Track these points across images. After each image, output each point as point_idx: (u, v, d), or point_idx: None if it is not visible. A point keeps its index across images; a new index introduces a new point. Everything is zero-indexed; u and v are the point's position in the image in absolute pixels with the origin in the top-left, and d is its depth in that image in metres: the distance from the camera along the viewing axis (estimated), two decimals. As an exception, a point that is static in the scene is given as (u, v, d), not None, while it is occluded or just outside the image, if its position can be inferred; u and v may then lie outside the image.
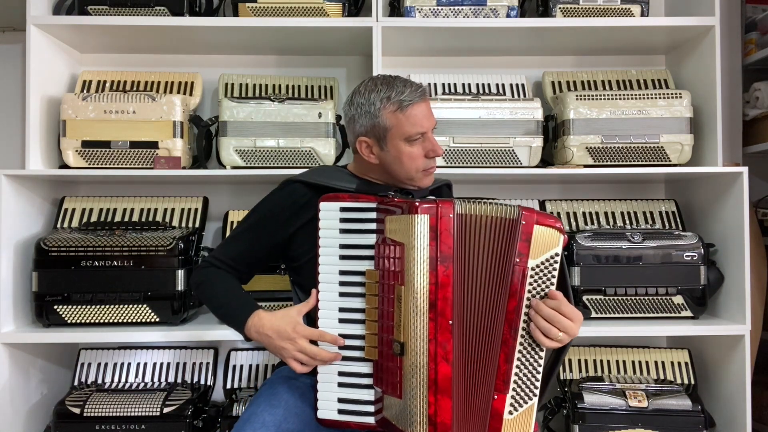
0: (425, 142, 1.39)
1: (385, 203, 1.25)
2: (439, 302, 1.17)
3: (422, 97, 1.39)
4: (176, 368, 2.10)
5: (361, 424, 1.25)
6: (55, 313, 1.89)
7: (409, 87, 1.39)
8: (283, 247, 1.46)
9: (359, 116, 1.40)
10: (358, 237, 1.27)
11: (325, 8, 2.04)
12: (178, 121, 2.00)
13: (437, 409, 1.16)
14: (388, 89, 1.38)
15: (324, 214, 1.29)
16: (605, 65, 2.34)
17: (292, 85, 2.24)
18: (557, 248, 1.19)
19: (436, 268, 1.17)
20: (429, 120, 1.40)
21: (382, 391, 1.23)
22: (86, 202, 2.15)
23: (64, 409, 1.84)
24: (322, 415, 1.27)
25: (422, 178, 1.43)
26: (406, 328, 1.17)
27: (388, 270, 1.21)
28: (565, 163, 2.05)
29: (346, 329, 1.27)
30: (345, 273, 1.27)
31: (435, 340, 1.16)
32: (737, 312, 1.96)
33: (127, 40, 2.15)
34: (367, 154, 1.42)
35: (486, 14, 2.04)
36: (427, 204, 1.18)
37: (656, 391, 1.92)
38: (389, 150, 1.39)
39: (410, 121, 1.36)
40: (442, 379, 1.16)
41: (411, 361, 1.17)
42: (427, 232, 1.17)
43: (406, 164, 1.39)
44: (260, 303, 1.94)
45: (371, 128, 1.39)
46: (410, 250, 1.17)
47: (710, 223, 2.11)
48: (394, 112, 1.36)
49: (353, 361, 1.26)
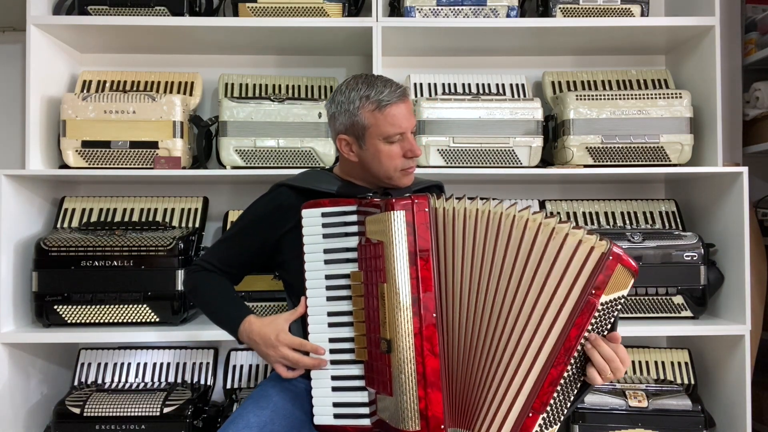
0: (404, 142, 1.40)
1: (364, 205, 1.27)
2: (422, 296, 1.17)
3: (401, 97, 1.39)
4: (176, 368, 2.09)
5: (358, 426, 1.26)
6: (55, 313, 1.89)
7: (389, 87, 1.38)
8: (272, 250, 1.47)
9: (339, 114, 1.41)
10: (341, 240, 1.29)
11: (325, 8, 2.04)
12: (178, 121, 2.00)
13: (428, 403, 1.16)
14: (367, 88, 1.38)
15: (306, 220, 1.31)
16: (605, 65, 2.34)
17: (292, 85, 2.24)
18: (626, 290, 1.15)
19: (416, 262, 1.18)
20: (408, 120, 1.40)
21: (375, 391, 1.23)
22: (86, 202, 2.15)
23: (64, 409, 1.84)
24: (319, 421, 1.28)
25: (401, 178, 1.43)
26: (392, 324, 1.18)
27: (372, 269, 1.22)
28: (565, 163, 2.05)
29: (336, 333, 1.28)
30: (331, 277, 1.29)
31: (420, 335, 1.17)
32: (737, 312, 1.96)
33: (127, 40, 2.15)
34: (347, 152, 1.43)
35: (486, 14, 2.04)
36: (403, 200, 1.20)
37: (656, 391, 1.92)
38: (368, 148, 1.40)
39: (388, 121, 1.37)
40: (431, 373, 1.16)
41: (398, 358, 1.18)
42: (405, 227, 1.19)
43: (385, 163, 1.40)
44: (259, 303, 1.99)
45: (350, 126, 1.40)
46: (389, 247, 1.18)
47: (710, 223, 2.11)
48: (372, 112, 1.37)
49: (345, 364, 1.27)
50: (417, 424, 1.17)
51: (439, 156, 1.99)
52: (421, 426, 1.17)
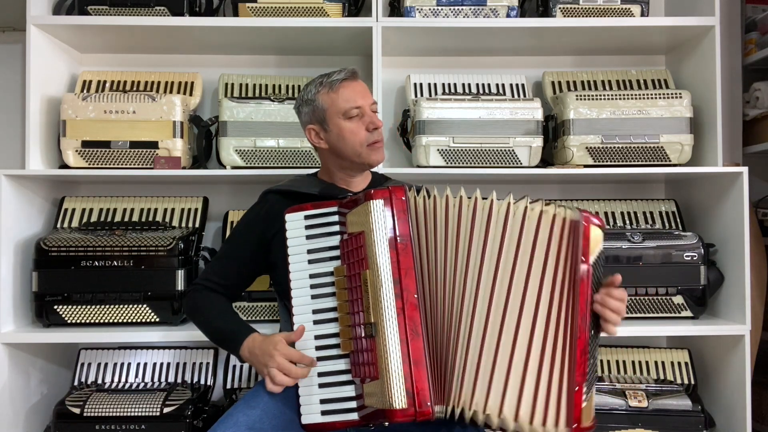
0: (363, 116, 1.50)
1: (344, 204, 1.34)
2: (403, 278, 1.24)
3: (350, 75, 1.51)
4: (176, 368, 2.09)
5: (346, 422, 1.27)
6: (55, 313, 1.89)
7: (340, 71, 1.51)
8: (264, 254, 1.52)
9: (302, 106, 1.55)
10: (323, 240, 1.34)
11: (325, 8, 2.04)
12: (178, 121, 2.00)
13: (414, 381, 1.20)
14: (321, 77, 1.52)
15: (290, 224, 1.36)
16: (605, 65, 2.34)
17: (292, 85, 2.24)
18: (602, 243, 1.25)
19: (396, 246, 1.25)
20: (363, 97, 1.51)
21: (360, 379, 1.26)
22: (86, 202, 2.15)
23: (64, 409, 1.84)
24: (306, 420, 1.28)
25: (370, 154, 1.50)
26: (376, 307, 1.23)
27: (354, 260, 1.28)
28: (565, 163, 2.05)
29: (321, 330, 1.31)
30: (315, 276, 1.33)
31: (403, 314, 1.23)
32: (737, 312, 1.96)
33: (127, 40, 2.15)
34: (317, 141, 1.53)
35: (486, 14, 2.04)
36: (381, 191, 1.28)
37: (656, 391, 1.92)
38: (332, 129, 1.50)
39: (342, 98, 1.48)
40: (415, 352, 1.21)
41: (383, 339, 1.22)
42: (383, 215, 1.26)
43: (349, 139, 1.48)
44: (259, 303, 1.99)
45: (313, 113, 1.52)
46: (370, 235, 1.26)
47: (710, 223, 2.11)
48: (327, 93, 1.50)
49: (331, 359, 1.30)
50: (404, 401, 1.19)
51: (439, 156, 1.99)
52: (408, 403, 1.20)
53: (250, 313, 2.00)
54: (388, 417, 1.20)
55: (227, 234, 2.08)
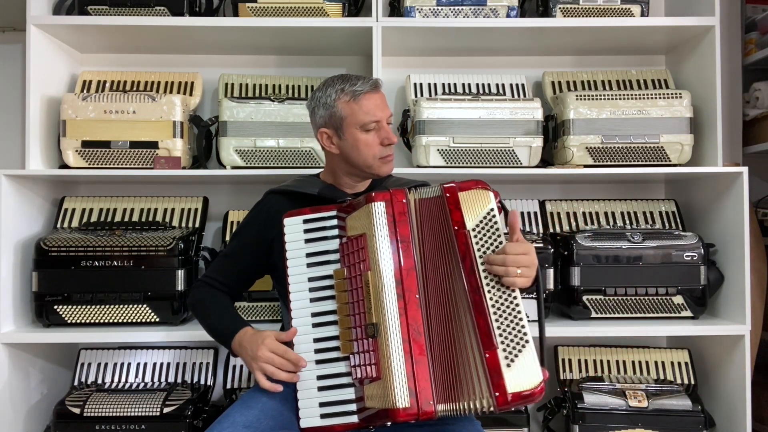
0: (380, 130, 1.48)
1: (343, 209, 1.35)
2: (405, 279, 1.26)
3: (374, 87, 1.49)
4: (176, 368, 2.09)
5: (346, 424, 1.27)
6: (55, 313, 1.89)
7: (362, 79, 1.49)
8: (265, 255, 1.52)
9: (318, 108, 1.51)
10: (322, 244, 1.36)
11: (325, 8, 2.04)
12: (178, 121, 2.00)
13: (416, 380, 1.21)
14: (342, 82, 1.48)
15: (288, 228, 1.38)
16: (605, 65, 2.34)
17: (292, 85, 2.24)
18: (491, 204, 1.28)
19: (398, 248, 1.27)
20: (382, 110, 1.49)
21: (360, 381, 1.26)
22: (86, 202, 2.15)
23: (64, 409, 1.84)
24: (305, 423, 1.28)
25: (380, 166, 1.50)
26: (378, 308, 1.25)
27: (355, 262, 1.30)
28: (565, 163, 2.05)
29: (321, 333, 1.32)
30: (313, 279, 1.35)
31: (405, 314, 1.24)
32: (737, 312, 1.96)
33: (127, 40, 2.15)
34: (328, 145, 1.51)
35: (486, 14, 2.04)
36: (382, 193, 1.30)
37: (656, 391, 1.92)
38: (347, 138, 1.48)
39: (363, 110, 1.46)
40: (417, 351, 1.22)
41: (385, 339, 1.23)
42: (385, 216, 1.28)
43: (363, 151, 1.47)
44: (259, 303, 1.99)
45: (329, 118, 1.49)
46: (372, 237, 1.27)
47: (710, 223, 2.11)
48: (348, 102, 1.46)
49: (331, 362, 1.30)
50: (407, 400, 1.20)
51: (439, 156, 1.99)
52: (411, 403, 1.20)
53: (251, 313, 2.00)
54: (390, 416, 1.20)
55: (227, 234, 2.09)
